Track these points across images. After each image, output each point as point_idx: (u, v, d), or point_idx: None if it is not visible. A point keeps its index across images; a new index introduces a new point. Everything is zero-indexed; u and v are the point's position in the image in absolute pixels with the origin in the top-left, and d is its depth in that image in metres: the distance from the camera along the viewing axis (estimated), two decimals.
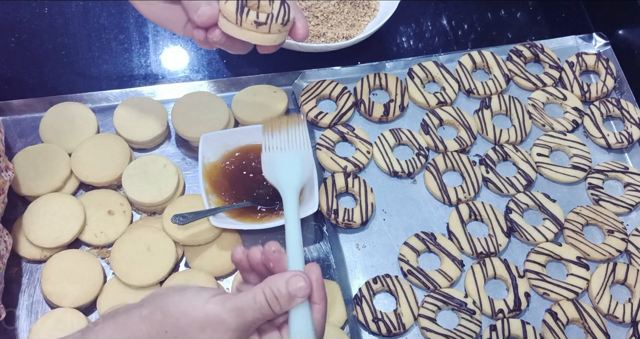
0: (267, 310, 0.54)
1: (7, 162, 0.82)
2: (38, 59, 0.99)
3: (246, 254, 0.59)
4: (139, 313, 0.54)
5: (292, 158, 0.69)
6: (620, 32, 1.03)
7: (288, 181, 0.66)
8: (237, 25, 0.66)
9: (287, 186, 0.65)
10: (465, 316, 0.80)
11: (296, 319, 0.55)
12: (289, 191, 0.65)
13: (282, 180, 0.66)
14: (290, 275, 0.55)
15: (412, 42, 1.05)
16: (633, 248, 0.87)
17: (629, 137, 0.94)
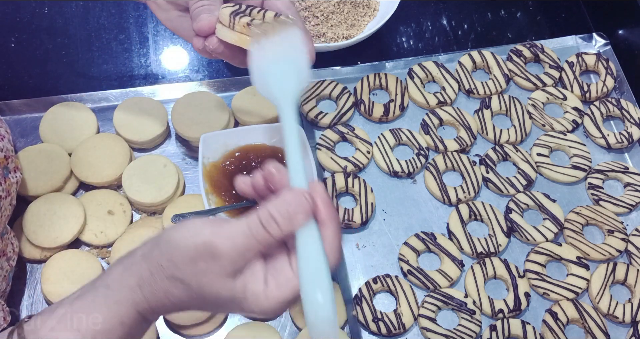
0: (262, 234, 0.50)
1: (16, 162, 0.82)
2: (38, 59, 0.99)
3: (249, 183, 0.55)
4: (141, 251, 0.53)
5: (285, 65, 0.62)
6: (620, 32, 1.03)
7: (283, 89, 0.59)
8: (230, 28, 0.65)
9: (283, 95, 0.59)
10: (465, 316, 0.80)
11: (302, 241, 0.50)
12: (285, 100, 0.58)
13: (276, 88, 0.60)
14: (288, 192, 0.51)
15: (412, 42, 1.05)
16: (633, 248, 0.87)
17: (629, 137, 0.94)
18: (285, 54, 0.62)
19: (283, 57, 0.62)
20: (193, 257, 0.50)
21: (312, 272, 0.50)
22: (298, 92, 0.59)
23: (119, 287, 0.53)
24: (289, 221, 0.50)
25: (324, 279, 0.49)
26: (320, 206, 0.52)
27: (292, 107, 0.58)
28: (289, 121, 0.57)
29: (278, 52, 0.62)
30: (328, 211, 0.52)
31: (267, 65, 0.62)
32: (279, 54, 0.62)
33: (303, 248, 0.50)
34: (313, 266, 0.50)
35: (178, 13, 0.71)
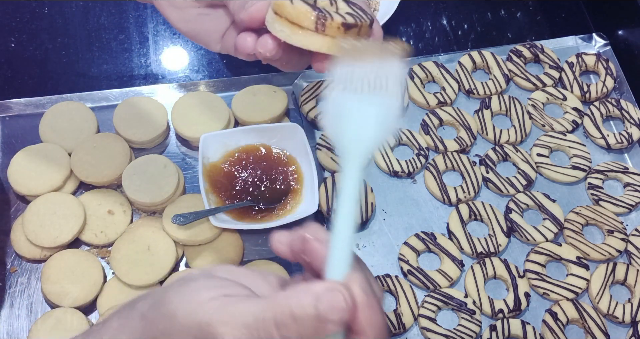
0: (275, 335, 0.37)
1: None
2: (38, 59, 0.99)
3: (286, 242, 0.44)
4: (140, 308, 0.44)
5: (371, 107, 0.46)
6: (620, 32, 1.03)
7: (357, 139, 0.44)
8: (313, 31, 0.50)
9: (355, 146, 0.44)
10: (465, 316, 0.80)
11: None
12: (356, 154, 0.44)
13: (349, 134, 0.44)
14: (323, 287, 0.38)
15: (412, 42, 1.05)
16: (633, 248, 0.87)
17: (629, 137, 0.94)
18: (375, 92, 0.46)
19: (372, 96, 0.46)
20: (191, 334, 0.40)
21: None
22: (376, 146, 0.45)
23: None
24: (313, 328, 0.37)
25: None
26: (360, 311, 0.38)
27: (359, 164, 0.43)
28: (349, 183, 0.42)
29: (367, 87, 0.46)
30: (369, 319, 0.38)
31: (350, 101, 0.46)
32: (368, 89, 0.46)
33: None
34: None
35: (198, 10, 0.59)
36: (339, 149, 0.44)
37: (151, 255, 0.80)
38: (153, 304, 0.43)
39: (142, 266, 0.79)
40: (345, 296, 0.37)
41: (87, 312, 0.79)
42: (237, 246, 0.83)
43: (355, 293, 0.38)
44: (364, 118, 0.45)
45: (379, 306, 0.39)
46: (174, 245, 0.82)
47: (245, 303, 0.39)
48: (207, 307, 0.39)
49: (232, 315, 0.38)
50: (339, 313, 0.37)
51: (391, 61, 0.46)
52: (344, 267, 0.40)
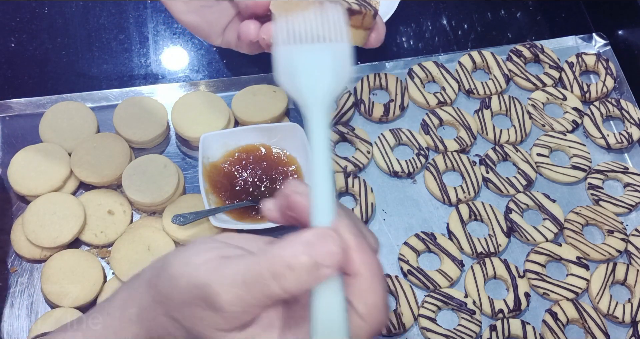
0: (274, 289, 0.37)
1: None
2: (38, 59, 0.99)
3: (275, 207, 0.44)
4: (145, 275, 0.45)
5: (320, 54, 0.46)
6: (620, 32, 1.03)
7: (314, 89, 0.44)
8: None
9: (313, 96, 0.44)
10: (465, 316, 0.80)
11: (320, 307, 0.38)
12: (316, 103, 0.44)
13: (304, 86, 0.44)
14: (312, 234, 0.38)
15: (412, 42, 1.05)
16: (633, 248, 0.87)
17: (629, 137, 0.94)
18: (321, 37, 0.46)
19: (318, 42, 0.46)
20: (187, 300, 0.40)
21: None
22: (334, 93, 0.45)
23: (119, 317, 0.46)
24: (310, 275, 0.37)
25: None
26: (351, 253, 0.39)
27: (323, 113, 0.43)
28: (317, 131, 0.43)
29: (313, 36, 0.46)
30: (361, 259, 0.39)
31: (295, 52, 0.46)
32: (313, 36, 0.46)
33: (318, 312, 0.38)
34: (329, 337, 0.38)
35: (202, 2, 0.59)
36: (300, 102, 0.44)
37: (151, 255, 0.80)
38: (156, 269, 0.43)
39: (142, 266, 0.78)
40: (334, 239, 0.38)
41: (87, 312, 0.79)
42: None
43: (344, 235, 0.39)
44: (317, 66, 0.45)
45: (369, 247, 0.40)
46: (174, 245, 0.82)
47: (240, 260, 0.39)
48: (204, 268, 0.39)
49: (230, 273, 0.38)
50: (332, 257, 0.37)
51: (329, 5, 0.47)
52: (328, 213, 0.40)
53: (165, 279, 0.42)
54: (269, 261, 0.38)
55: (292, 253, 0.38)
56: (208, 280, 0.39)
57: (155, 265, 0.45)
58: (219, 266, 0.39)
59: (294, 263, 0.37)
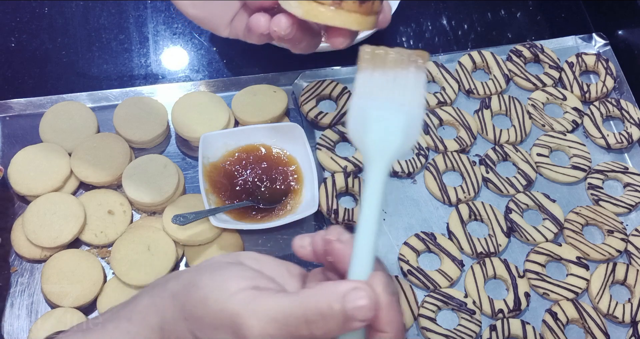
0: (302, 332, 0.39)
1: None
2: (38, 59, 0.99)
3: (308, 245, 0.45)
4: (172, 288, 0.45)
5: (395, 115, 0.47)
6: (620, 32, 1.03)
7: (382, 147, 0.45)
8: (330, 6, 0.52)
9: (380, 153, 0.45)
10: (465, 316, 0.80)
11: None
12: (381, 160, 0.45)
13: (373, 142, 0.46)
14: (349, 287, 0.39)
15: (412, 42, 1.05)
16: (633, 248, 0.87)
17: (629, 137, 0.94)
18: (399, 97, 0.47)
19: (396, 102, 0.47)
20: (216, 324, 0.41)
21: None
22: (399, 154, 0.46)
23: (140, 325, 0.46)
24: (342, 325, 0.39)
25: None
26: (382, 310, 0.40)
27: (385, 171, 0.45)
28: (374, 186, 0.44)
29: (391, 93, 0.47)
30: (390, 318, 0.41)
31: (374, 109, 0.47)
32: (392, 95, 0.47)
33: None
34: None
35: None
36: (364, 155, 0.46)
37: (151, 255, 0.80)
38: (185, 286, 0.44)
39: (142, 266, 0.79)
40: (370, 296, 0.39)
41: (87, 312, 0.79)
42: (237, 246, 0.84)
43: (378, 293, 0.40)
44: (389, 125, 0.46)
45: (398, 305, 0.41)
46: (174, 245, 0.82)
47: (275, 298, 0.40)
48: (238, 298, 0.41)
49: (262, 309, 0.40)
50: (364, 312, 0.39)
51: (414, 69, 0.48)
52: (367, 267, 0.41)
53: (195, 299, 0.43)
54: (304, 305, 0.39)
55: (328, 302, 0.39)
56: (241, 311, 0.40)
57: (182, 280, 0.45)
58: (253, 298, 0.41)
59: (327, 313, 0.39)
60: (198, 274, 0.44)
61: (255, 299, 0.40)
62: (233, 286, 0.42)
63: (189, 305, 0.43)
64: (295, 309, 0.39)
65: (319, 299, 0.39)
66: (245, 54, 1.01)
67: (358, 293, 0.39)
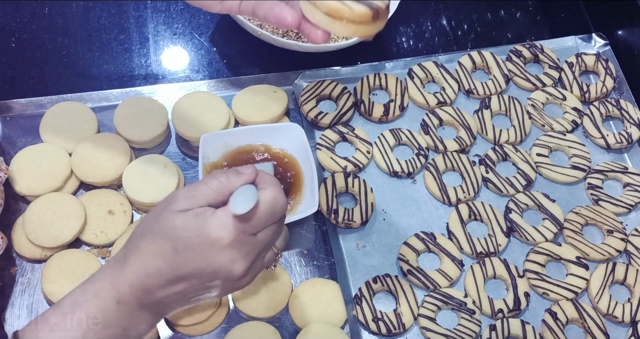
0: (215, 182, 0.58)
1: None
2: (38, 59, 0.99)
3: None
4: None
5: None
6: (619, 33, 1.03)
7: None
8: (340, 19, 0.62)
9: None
10: (465, 315, 0.80)
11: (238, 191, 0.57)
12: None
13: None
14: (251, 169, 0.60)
15: (412, 42, 1.05)
16: (632, 248, 0.87)
17: (629, 137, 0.94)
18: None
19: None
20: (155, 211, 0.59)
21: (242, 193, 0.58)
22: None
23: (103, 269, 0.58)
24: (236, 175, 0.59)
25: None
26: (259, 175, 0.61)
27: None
28: None
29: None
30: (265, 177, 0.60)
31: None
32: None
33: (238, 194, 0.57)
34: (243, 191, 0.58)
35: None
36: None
37: None
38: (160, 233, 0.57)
39: None
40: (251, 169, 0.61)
41: None
42: None
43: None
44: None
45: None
46: None
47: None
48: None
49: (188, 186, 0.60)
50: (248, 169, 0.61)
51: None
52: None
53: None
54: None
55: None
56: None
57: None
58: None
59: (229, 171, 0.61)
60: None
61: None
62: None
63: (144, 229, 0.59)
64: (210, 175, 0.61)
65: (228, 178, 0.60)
66: (245, 54, 1.01)
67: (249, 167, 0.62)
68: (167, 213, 0.56)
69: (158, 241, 0.56)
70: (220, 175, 0.59)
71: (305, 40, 0.97)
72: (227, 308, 0.81)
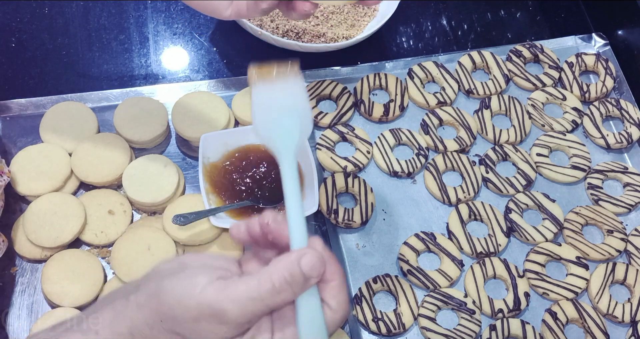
0: (275, 299, 0.48)
1: (2, 166, 0.82)
2: (38, 59, 0.99)
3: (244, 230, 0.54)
4: (136, 300, 0.51)
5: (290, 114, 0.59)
6: (619, 33, 1.03)
7: (286, 143, 0.57)
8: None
9: (286, 149, 0.56)
10: (465, 315, 0.80)
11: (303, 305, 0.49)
12: (287, 153, 0.56)
13: (278, 141, 0.57)
14: (300, 254, 0.49)
15: (412, 42, 1.05)
16: (632, 248, 0.87)
17: (628, 137, 0.94)
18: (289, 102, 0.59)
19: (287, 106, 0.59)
20: (196, 317, 0.48)
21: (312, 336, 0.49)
22: (300, 144, 0.57)
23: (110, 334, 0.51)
24: (302, 286, 0.48)
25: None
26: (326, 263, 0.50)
27: (293, 159, 0.56)
28: (289, 174, 0.55)
29: (281, 99, 0.59)
30: (334, 269, 0.50)
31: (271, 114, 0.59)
32: (283, 101, 0.59)
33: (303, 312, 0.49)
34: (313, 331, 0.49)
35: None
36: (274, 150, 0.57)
37: (151, 255, 0.80)
38: (150, 295, 0.50)
39: (142, 266, 0.79)
40: (318, 256, 0.49)
41: None
42: (237, 246, 0.84)
43: (320, 252, 0.50)
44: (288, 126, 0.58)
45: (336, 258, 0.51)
46: (174, 245, 0.82)
47: (243, 281, 0.48)
48: (210, 290, 0.47)
49: (236, 293, 0.47)
50: (317, 269, 0.48)
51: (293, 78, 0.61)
52: (303, 237, 0.51)
53: (169, 302, 0.48)
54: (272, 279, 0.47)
55: (289, 271, 0.48)
56: (217, 299, 0.47)
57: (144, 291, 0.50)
58: (225, 287, 0.48)
59: (291, 279, 0.48)
60: (158, 282, 0.50)
61: (226, 286, 0.48)
62: (200, 281, 0.48)
63: (163, 308, 0.49)
64: (264, 285, 0.47)
65: (280, 271, 0.48)
66: (245, 54, 1.01)
67: (308, 256, 0.48)
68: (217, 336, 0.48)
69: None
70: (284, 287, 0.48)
71: (303, 40, 0.97)
72: None
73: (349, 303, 0.51)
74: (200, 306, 0.47)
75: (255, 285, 0.47)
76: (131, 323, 0.50)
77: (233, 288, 0.47)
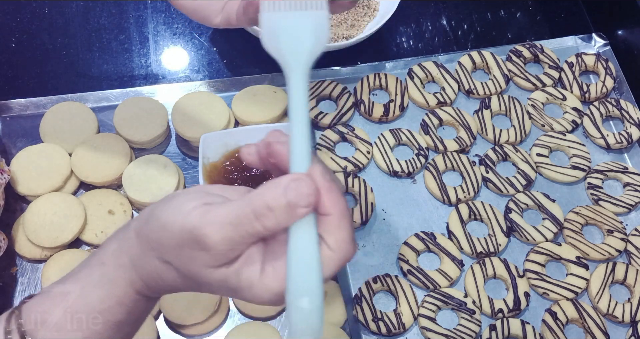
0: (256, 227, 0.43)
1: (2, 164, 0.82)
2: (38, 59, 0.99)
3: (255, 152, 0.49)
4: (134, 226, 0.49)
5: (302, 21, 0.50)
6: (619, 33, 1.03)
7: (296, 51, 0.49)
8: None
9: (295, 58, 0.48)
10: (465, 315, 0.80)
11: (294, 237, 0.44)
12: (297, 64, 0.48)
13: (287, 49, 0.49)
14: (289, 179, 0.44)
15: (412, 42, 1.05)
16: (632, 248, 0.87)
17: (629, 137, 0.94)
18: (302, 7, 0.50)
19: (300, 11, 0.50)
20: (179, 243, 0.45)
21: (301, 274, 0.43)
22: (314, 55, 0.49)
23: (114, 266, 0.49)
24: (287, 214, 0.43)
25: (314, 283, 0.43)
26: (323, 195, 0.44)
27: (303, 73, 0.48)
28: (297, 90, 0.47)
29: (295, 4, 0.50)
30: (332, 200, 0.44)
31: (280, 18, 0.50)
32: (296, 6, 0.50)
33: (294, 245, 0.43)
34: (303, 267, 0.43)
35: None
36: (282, 63, 0.49)
37: None
38: (144, 220, 0.48)
39: None
40: (308, 183, 0.43)
41: None
42: None
43: (317, 180, 0.44)
44: (298, 30, 0.50)
45: (338, 190, 0.45)
46: None
47: (225, 206, 0.45)
48: (192, 215, 0.45)
49: (216, 217, 0.44)
50: (305, 198, 0.43)
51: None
52: (305, 162, 0.45)
53: (156, 228, 0.47)
54: (252, 203, 0.44)
55: (272, 196, 0.43)
56: (198, 224, 0.44)
57: (141, 217, 0.49)
58: (206, 212, 0.44)
59: (273, 204, 0.43)
60: (153, 208, 0.48)
61: (208, 212, 0.44)
62: (186, 206, 0.45)
63: (152, 235, 0.47)
64: (244, 209, 0.43)
65: (264, 195, 0.44)
66: (245, 54, 1.01)
67: (298, 182, 0.43)
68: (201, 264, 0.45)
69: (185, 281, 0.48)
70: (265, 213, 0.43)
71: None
72: (227, 308, 0.81)
73: (352, 243, 0.45)
74: (182, 232, 0.44)
75: (235, 209, 0.44)
76: (131, 252, 0.49)
77: (214, 213, 0.44)
